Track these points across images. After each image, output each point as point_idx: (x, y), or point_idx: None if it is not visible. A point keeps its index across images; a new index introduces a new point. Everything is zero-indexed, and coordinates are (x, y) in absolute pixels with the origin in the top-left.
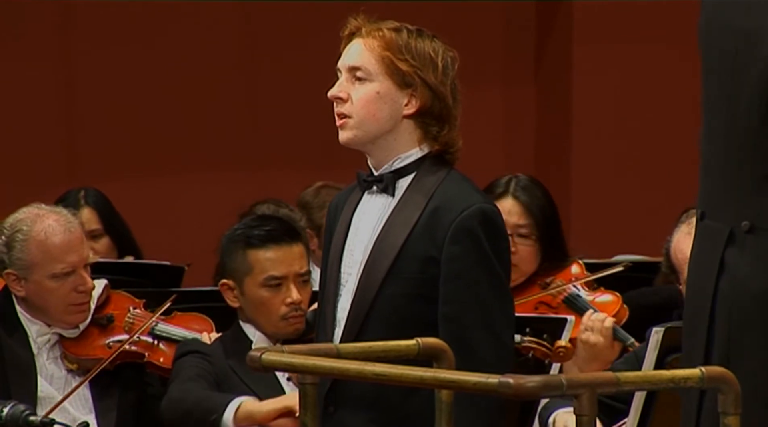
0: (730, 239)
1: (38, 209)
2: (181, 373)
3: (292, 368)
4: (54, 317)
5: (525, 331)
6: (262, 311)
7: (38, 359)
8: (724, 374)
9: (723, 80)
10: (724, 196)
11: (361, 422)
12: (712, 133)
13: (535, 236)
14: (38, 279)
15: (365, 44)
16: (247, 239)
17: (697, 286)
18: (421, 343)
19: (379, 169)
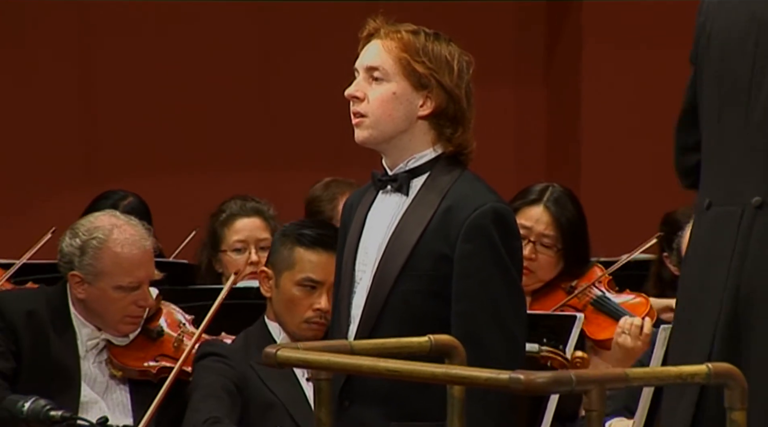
0: (741, 220)
1: (115, 219)
2: (203, 382)
3: (306, 364)
4: (108, 324)
5: (542, 341)
6: (290, 309)
7: (83, 362)
8: (730, 370)
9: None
10: (734, 181)
11: (375, 416)
12: (725, 124)
13: (558, 248)
14: (103, 287)
15: (383, 45)
16: (299, 237)
17: (698, 275)
18: (433, 340)
19: (393, 168)
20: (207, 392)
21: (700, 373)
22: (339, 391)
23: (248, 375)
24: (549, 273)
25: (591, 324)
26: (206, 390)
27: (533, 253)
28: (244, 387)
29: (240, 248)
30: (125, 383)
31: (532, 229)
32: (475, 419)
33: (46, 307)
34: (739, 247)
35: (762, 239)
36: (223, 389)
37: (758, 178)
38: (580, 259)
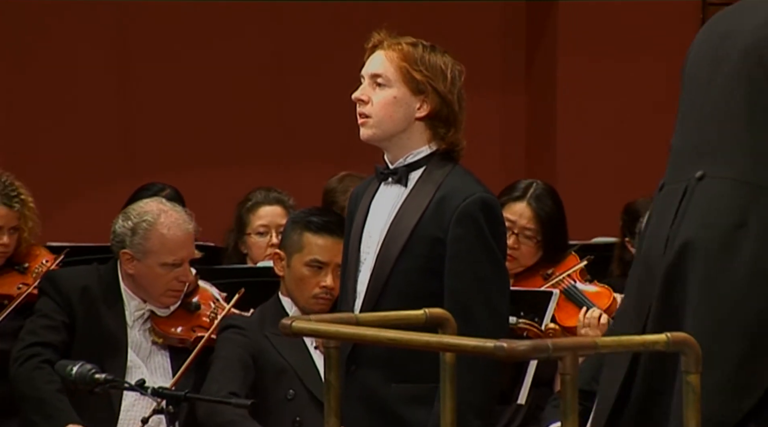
0: (684, 193)
1: (162, 205)
2: (222, 354)
3: (317, 334)
4: (152, 297)
5: (519, 314)
6: (299, 286)
7: (130, 331)
8: (686, 339)
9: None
10: (686, 163)
11: (378, 379)
12: (683, 120)
13: (537, 239)
14: (150, 264)
15: (386, 55)
16: (307, 223)
17: (648, 251)
18: (427, 312)
19: (394, 163)
20: (224, 365)
21: (660, 341)
22: (346, 357)
23: (263, 344)
24: (530, 260)
25: (561, 311)
26: (224, 362)
27: (516, 243)
28: (259, 355)
29: (262, 232)
30: (166, 349)
31: (516, 222)
32: (464, 382)
33: (99, 282)
34: (678, 218)
35: (697, 204)
36: (239, 361)
37: (702, 161)
38: (558, 248)
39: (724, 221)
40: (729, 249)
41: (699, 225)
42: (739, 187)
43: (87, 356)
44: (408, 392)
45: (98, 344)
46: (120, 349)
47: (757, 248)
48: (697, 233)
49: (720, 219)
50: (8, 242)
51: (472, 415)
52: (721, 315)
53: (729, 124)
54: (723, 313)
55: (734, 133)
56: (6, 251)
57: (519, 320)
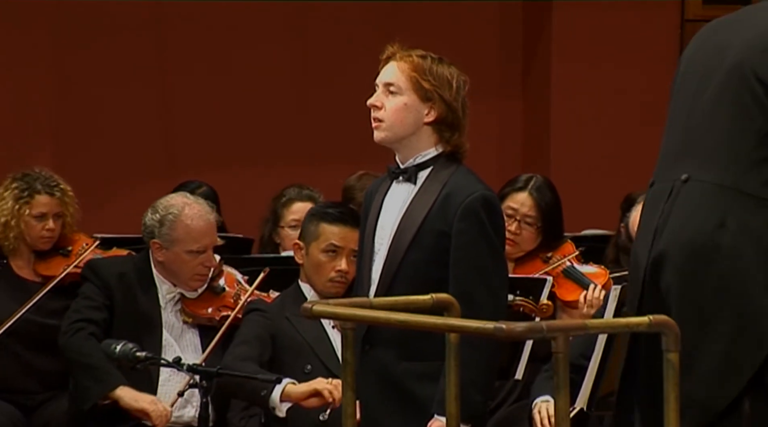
0: (671, 193)
1: (186, 198)
2: (241, 332)
3: (336, 317)
4: (181, 281)
5: (516, 292)
6: (317, 271)
7: (163, 312)
8: (666, 321)
9: (689, 87)
10: (673, 164)
11: (390, 357)
12: (672, 123)
13: (537, 225)
14: (177, 251)
15: (398, 66)
16: (323, 215)
17: (640, 243)
18: (434, 298)
19: (404, 163)
20: (241, 340)
21: (643, 323)
22: (361, 338)
23: (284, 325)
24: (530, 245)
25: (561, 288)
26: (241, 338)
27: (518, 229)
28: (279, 334)
29: (294, 225)
30: (195, 328)
31: (518, 210)
32: (467, 360)
33: (134, 269)
34: (664, 214)
35: (682, 204)
36: (256, 338)
37: (688, 163)
38: (555, 235)
39: (706, 221)
40: (711, 246)
41: (684, 225)
42: (720, 190)
43: (125, 335)
44: (417, 369)
45: (135, 324)
46: (155, 328)
47: (736, 244)
48: (682, 232)
49: (703, 219)
50: (54, 226)
51: (474, 390)
52: (705, 309)
53: (714, 133)
54: (707, 307)
55: (718, 141)
56: (52, 235)
57: (515, 298)
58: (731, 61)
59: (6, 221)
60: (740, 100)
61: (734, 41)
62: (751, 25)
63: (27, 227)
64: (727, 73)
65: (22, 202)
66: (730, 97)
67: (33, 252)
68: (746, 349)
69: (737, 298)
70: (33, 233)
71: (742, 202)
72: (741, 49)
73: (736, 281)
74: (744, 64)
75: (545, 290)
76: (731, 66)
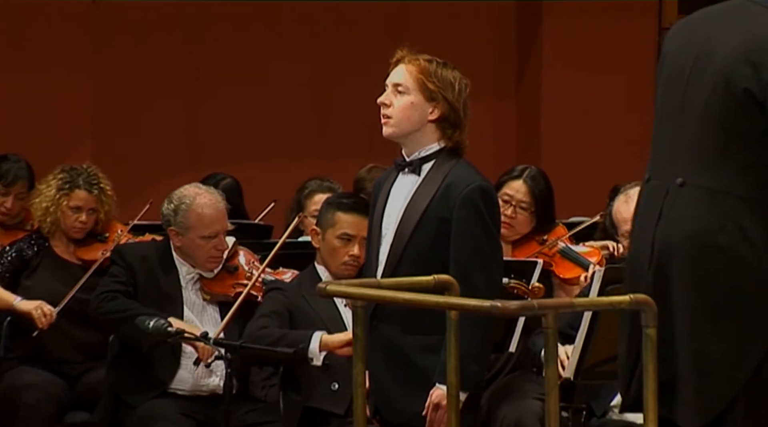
0: (667, 193)
1: (197, 189)
2: (261, 307)
3: (347, 296)
4: (198, 263)
5: (511, 276)
6: (332, 255)
7: (185, 291)
8: (645, 299)
9: (677, 89)
10: (667, 164)
11: (396, 332)
12: (663, 123)
13: (531, 210)
14: (192, 237)
15: (406, 68)
16: (338, 204)
17: (640, 233)
18: (436, 278)
19: (410, 156)
20: (261, 314)
21: (624, 301)
22: (370, 314)
23: (301, 302)
24: (525, 228)
25: (559, 267)
26: (261, 312)
27: (514, 213)
28: (296, 310)
29: (316, 215)
30: (215, 304)
31: (514, 196)
32: (466, 334)
33: (156, 253)
34: (664, 213)
35: (678, 207)
36: (274, 312)
37: (681, 166)
38: (548, 219)
39: (706, 224)
40: (713, 247)
41: (684, 227)
42: (715, 195)
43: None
44: (420, 343)
45: (158, 303)
46: (176, 306)
47: (736, 244)
48: (682, 236)
49: (703, 222)
50: (86, 220)
51: (472, 361)
52: (712, 306)
53: (704, 139)
54: (714, 304)
55: (709, 147)
56: (84, 227)
57: (510, 281)
58: (717, 69)
59: (47, 206)
60: (727, 107)
61: (719, 49)
62: (734, 32)
63: (63, 215)
64: (714, 81)
65: (63, 193)
66: (718, 105)
67: (69, 238)
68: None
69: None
70: (67, 222)
71: (736, 205)
72: (726, 59)
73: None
74: (729, 74)
75: (536, 271)
76: (718, 74)
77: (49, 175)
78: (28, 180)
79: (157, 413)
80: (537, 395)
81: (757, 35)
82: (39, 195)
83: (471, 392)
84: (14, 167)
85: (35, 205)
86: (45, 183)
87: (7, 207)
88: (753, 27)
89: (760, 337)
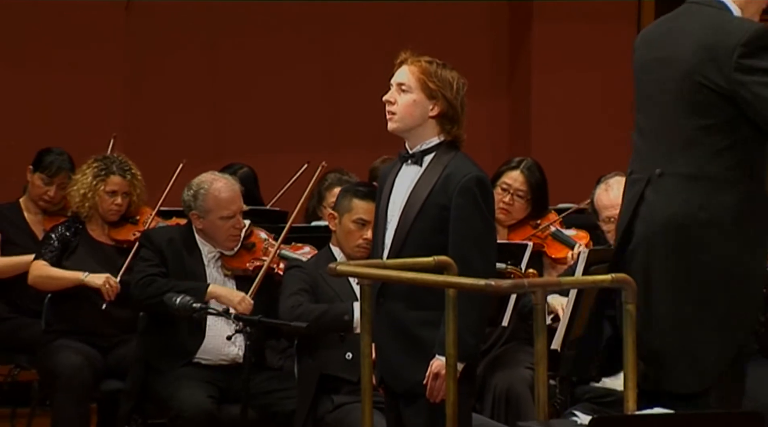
0: (647, 183)
1: (213, 175)
2: (288, 285)
3: (355, 275)
4: (218, 242)
5: (507, 261)
6: (347, 238)
7: (207, 268)
8: (625, 278)
9: (650, 91)
10: (646, 158)
11: (400, 308)
12: (641, 123)
13: (527, 198)
14: (212, 219)
15: (409, 69)
16: (355, 191)
17: (624, 219)
18: (436, 259)
19: (412, 149)
20: (291, 292)
21: (606, 280)
22: (376, 292)
23: (318, 279)
24: (521, 214)
25: (551, 248)
26: (289, 290)
27: (511, 200)
28: (315, 286)
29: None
30: (233, 280)
31: (512, 185)
32: (463, 310)
33: (180, 236)
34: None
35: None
36: (302, 290)
37: (659, 158)
38: (542, 206)
39: (687, 206)
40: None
41: (667, 210)
42: (692, 181)
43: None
44: (422, 317)
45: (185, 279)
46: (201, 282)
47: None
48: (665, 216)
49: (683, 204)
50: (121, 203)
51: (468, 334)
52: (697, 276)
53: (678, 132)
54: (698, 275)
55: (683, 139)
56: (119, 209)
57: (507, 266)
58: (683, 71)
59: (84, 192)
60: (695, 101)
61: (679, 51)
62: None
63: (100, 199)
64: (680, 81)
65: (99, 180)
66: (687, 101)
67: (105, 221)
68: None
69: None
70: (104, 205)
71: (712, 186)
72: (688, 57)
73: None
74: (693, 72)
75: (527, 252)
76: (683, 74)
77: (83, 165)
78: (70, 171)
79: (183, 380)
80: (527, 364)
81: (711, 31)
82: (75, 184)
83: (467, 362)
84: (58, 159)
85: (72, 193)
86: (80, 172)
87: (50, 195)
88: (706, 24)
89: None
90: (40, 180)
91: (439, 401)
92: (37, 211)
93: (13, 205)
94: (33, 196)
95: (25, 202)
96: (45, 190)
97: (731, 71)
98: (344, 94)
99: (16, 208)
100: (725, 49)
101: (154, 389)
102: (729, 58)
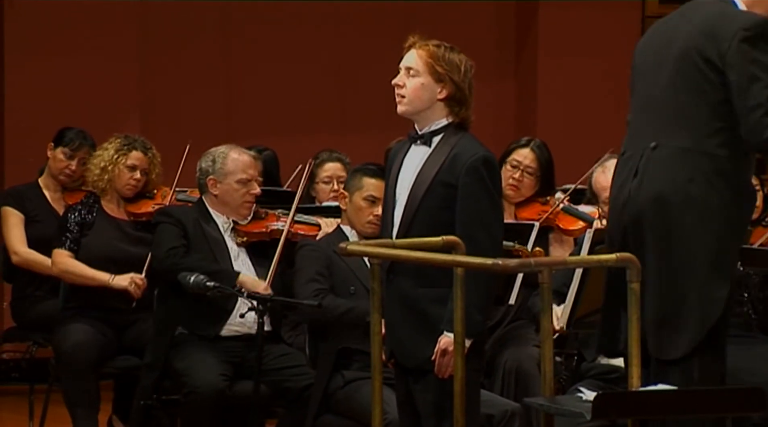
0: (642, 156)
1: (227, 145)
2: (304, 268)
3: (365, 254)
4: (233, 209)
5: (515, 241)
6: (358, 215)
7: (225, 236)
8: (630, 257)
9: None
10: (641, 135)
11: (409, 286)
12: (637, 103)
13: (537, 175)
14: (229, 182)
15: (417, 53)
16: (365, 170)
17: (618, 192)
18: (444, 239)
19: (421, 130)
20: (308, 278)
21: (611, 259)
22: (386, 270)
23: (332, 257)
24: (529, 191)
25: (562, 221)
26: (306, 276)
27: (521, 177)
28: (329, 264)
29: (327, 181)
30: (245, 249)
31: (521, 162)
32: (470, 288)
33: (195, 209)
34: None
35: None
36: (319, 274)
37: (654, 132)
38: (549, 185)
39: (677, 177)
40: (684, 196)
41: (658, 181)
42: (685, 152)
43: (204, 257)
44: (430, 295)
45: (209, 248)
46: (224, 250)
47: (703, 193)
48: (657, 189)
49: (674, 175)
50: (139, 178)
51: (475, 311)
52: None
53: (675, 108)
54: (686, 246)
55: (679, 115)
56: (137, 185)
57: (515, 244)
58: (680, 49)
59: (104, 165)
60: (692, 78)
61: (678, 35)
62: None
63: (119, 173)
64: (678, 58)
65: (121, 154)
66: (684, 78)
67: (121, 197)
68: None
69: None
70: (122, 179)
71: (704, 160)
72: (686, 39)
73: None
74: (691, 49)
75: (534, 231)
76: (681, 52)
77: (105, 143)
78: (91, 148)
79: (200, 355)
80: (535, 342)
81: (714, 19)
82: (96, 158)
83: (475, 339)
84: (80, 135)
85: (92, 167)
86: (101, 149)
87: (72, 169)
88: (710, 14)
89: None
90: (63, 154)
91: (447, 377)
92: (57, 189)
93: (32, 185)
94: (54, 171)
95: (44, 180)
96: (66, 165)
97: (727, 51)
98: (355, 78)
99: (36, 188)
100: (727, 32)
101: (170, 363)
102: (729, 40)
